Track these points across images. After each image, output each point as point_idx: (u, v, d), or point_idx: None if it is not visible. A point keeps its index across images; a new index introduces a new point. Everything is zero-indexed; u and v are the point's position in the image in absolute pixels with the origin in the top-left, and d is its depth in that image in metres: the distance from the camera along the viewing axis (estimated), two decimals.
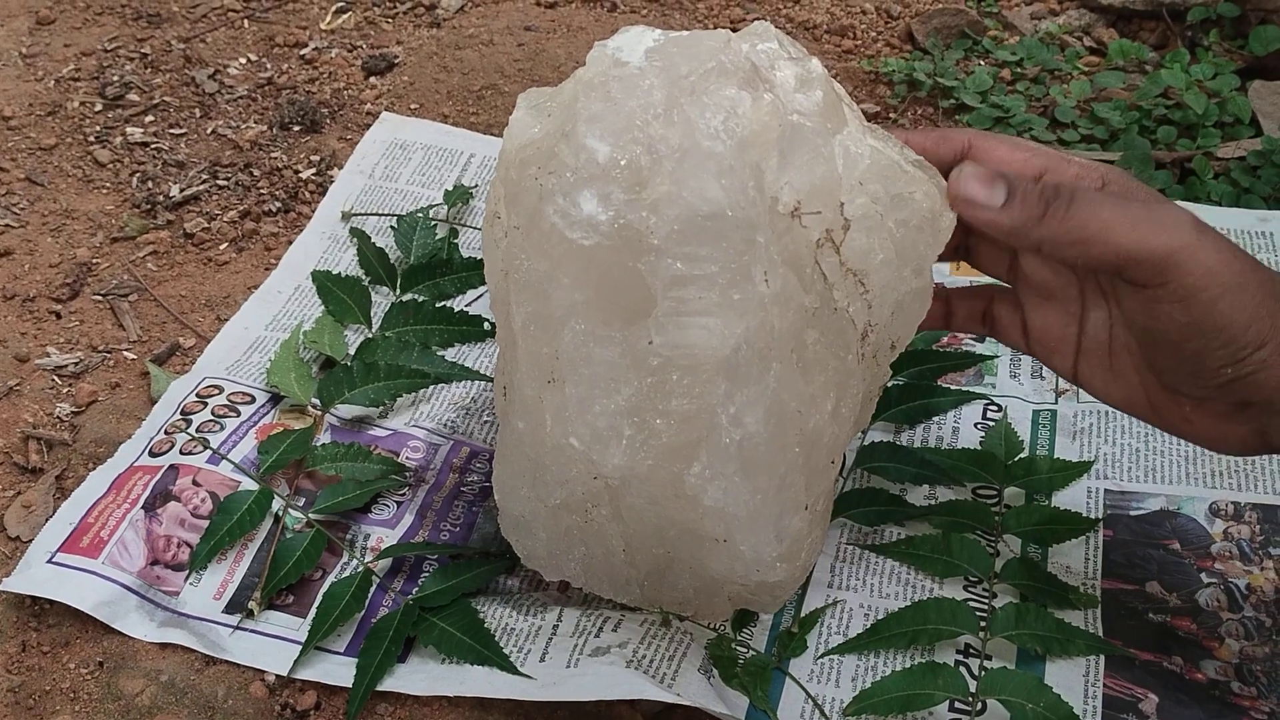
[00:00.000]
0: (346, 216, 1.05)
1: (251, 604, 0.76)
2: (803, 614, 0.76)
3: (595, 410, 0.64)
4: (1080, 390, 0.87)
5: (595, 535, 0.70)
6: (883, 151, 0.64)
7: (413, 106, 1.18)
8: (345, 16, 1.31)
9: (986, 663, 0.72)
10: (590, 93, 0.62)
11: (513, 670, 0.72)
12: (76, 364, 0.94)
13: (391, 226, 1.02)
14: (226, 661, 0.75)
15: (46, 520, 0.81)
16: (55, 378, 0.93)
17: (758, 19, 1.29)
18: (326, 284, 0.97)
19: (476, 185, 1.07)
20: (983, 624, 0.74)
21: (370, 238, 1.01)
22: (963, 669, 0.71)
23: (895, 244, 0.65)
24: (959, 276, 0.97)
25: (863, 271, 0.65)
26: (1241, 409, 0.63)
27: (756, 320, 0.61)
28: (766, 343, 0.62)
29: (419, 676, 0.73)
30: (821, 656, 0.74)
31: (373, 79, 1.22)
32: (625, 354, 0.63)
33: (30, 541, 0.80)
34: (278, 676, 0.74)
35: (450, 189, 1.06)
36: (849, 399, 0.68)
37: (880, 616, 0.75)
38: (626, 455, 0.64)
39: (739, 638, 0.75)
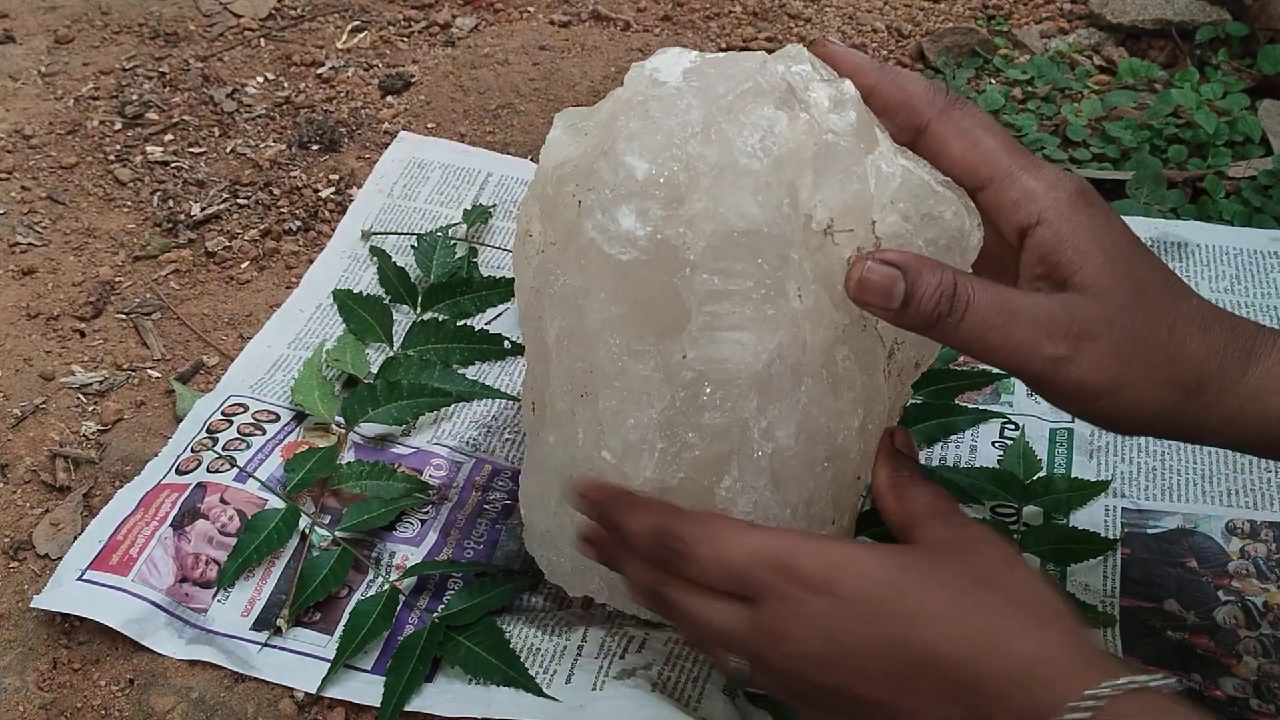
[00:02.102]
0: (366, 235, 1.06)
1: (280, 621, 0.77)
2: None
3: (628, 424, 0.65)
4: None
5: None
6: (913, 171, 0.65)
7: (430, 126, 1.19)
8: (361, 36, 1.33)
9: None
10: (629, 111, 0.63)
11: (539, 693, 0.73)
12: (101, 382, 0.95)
13: (412, 245, 1.03)
14: (255, 679, 0.75)
15: (75, 538, 0.82)
16: (80, 396, 0.94)
17: (768, 37, 1.31)
18: (348, 303, 0.98)
19: (495, 205, 1.08)
20: None
21: (390, 256, 1.02)
22: None
23: None
24: None
25: None
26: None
27: (789, 335, 0.62)
28: (798, 358, 0.63)
29: (447, 697, 0.74)
30: None
31: (389, 98, 1.23)
32: (659, 368, 0.64)
33: (59, 559, 0.81)
34: (306, 694, 0.74)
35: (469, 208, 1.07)
36: (875, 416, 0.68)
37: None
38: (658, 468, 0.65)
39: None
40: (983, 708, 0.53)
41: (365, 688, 0.74)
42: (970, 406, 0.90)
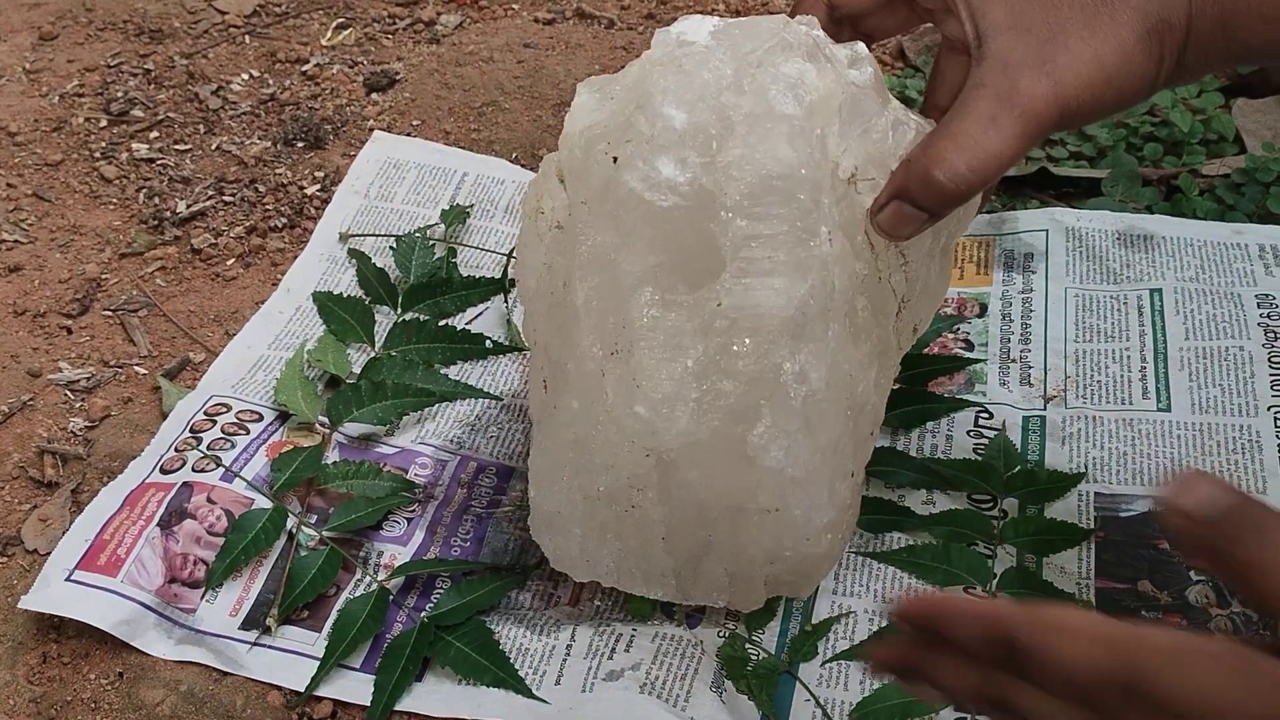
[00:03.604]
0: (344, 238, 1.06)
1: (269, 620, 0.78)
2: (811, 618, 0.79)
3: (662, 375, 0.66)
4: (1068, 397, 0.90)
5: (634, 526, 0.72)
6: (924, 126, 0.68)
7: (414, 123, 1.20)
8: (346, 33, 1.33)
9: None
10: (662, 68, 0.66)
11: (529, 694, 0.74)
12: (88, 379, 0.96)
13: (390, 247, 1.04)
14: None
15: (64, 534, 0.83)
16: (68, 392, 0.95)
17: None
18: (328, 304, 0.99)
19: (472, 204, 1.09)
20: None
21: (370, 258, 1.03)
22: None
23: None
24: (949, 288, 1.00)
25: (905, 244, 0.69)
26: None
27: (819, 279, 0.65)
28: (826, 302, 0.65)
29: (436, 697, 0.75)
30: (828, 662, 0.76)
31: (374, 95, 1.24)
32: (693, 317, 0.66)
33: (48, 555, 0.82)
34: (295, 692, 0.76)
35: (446, 208, 1.07)
36: (886, 371, 0.71)
37: (884, 622, 0.78)
38: (693, 419, 0.66)
39: (751, 639, 0.77)
40: None
41: (355, 686, 0.75)
42: (946, 395, 0.92)
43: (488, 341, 0.96)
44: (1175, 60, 0.65)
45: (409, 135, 1.18)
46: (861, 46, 0.69)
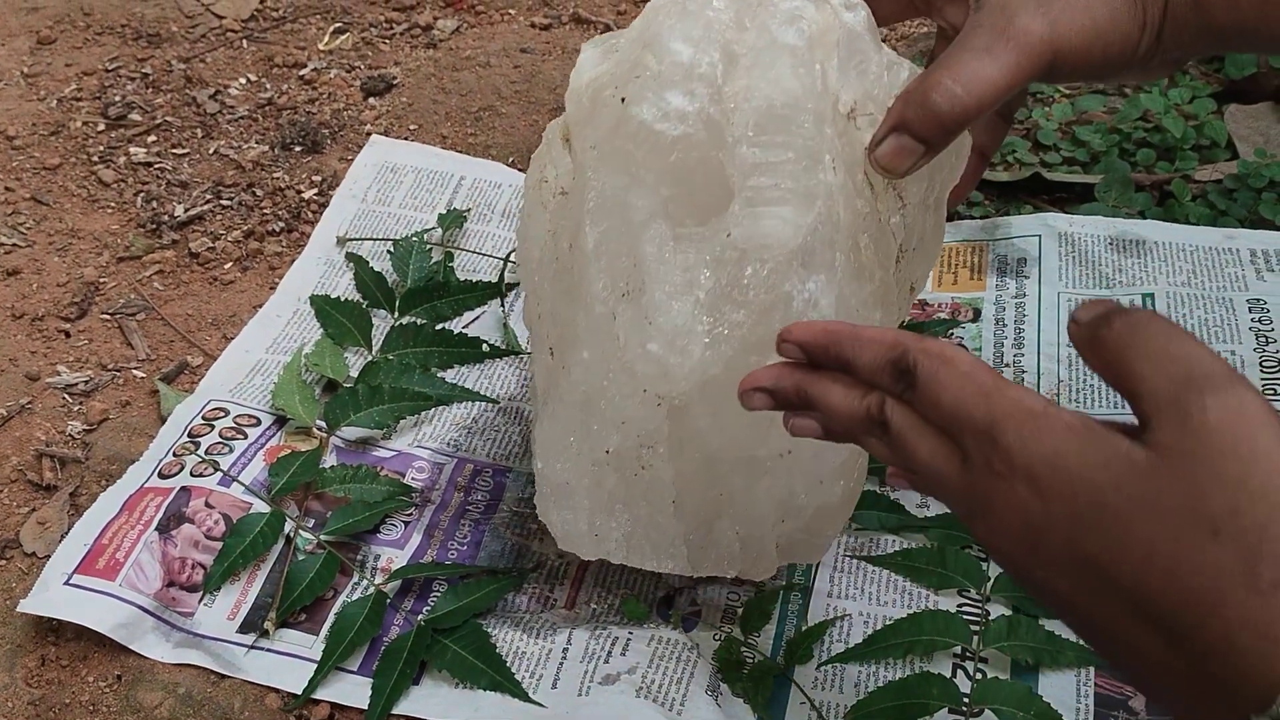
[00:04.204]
0: (341, 241, 1.07)
1: (267, 624, 0.78)
2: (806, 620, 0.79)
3: (674, 310, 0.67)
4: (1061, 401, 0.91)
5: (643, 491, 0.72)
6: (915, 68, 0.70)
7: (412, 128, 1.20)
8: (343, 38, 1.34)
9: (981, 665, 0.76)
10: (667, 9, 0.68)
11: (525, 698, 0.75)
12: (87, 382, 0.96)
13: (387, 251, 1.04)
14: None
15: (62, 537, 0.83)
16: (66, 396, 0.95)
17: None
18: (325, 308, 0.99)
19: (469, 208, 1.09)
20: (976, 632, 0.77)
21: (367, 262, 1.03)
22: (961, 673, 0.75)
23: None
24: (940, 292, 1.01)
25: (902, 185, 0.71)
26: None
27: (825, 208, 0.66)
28: (832, 232, 0.67)
29: (434, 701, 0.75)
30: (823, 664, 0.77)
31: (372, 100, 1.25)
32: (704, 250, 0.67)
33: (46, 558, 0.82)
34: (293, 695, 0.76)
35: (443, 212, 1.08)
36: (889, 316, 0.72)
37: (879, 624, 0.78)
38: (706, 352, 0.67)
39: (747, 641, 0.78)
40: (1194, 653, 0.46)
41: (352, 689, 0.76)
42: None
43: (484, 345, 0.97)
44: (1156, 32, 0.67)
45: (406, 140, 1.18)
46: None
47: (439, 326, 0.98)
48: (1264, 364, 0.91)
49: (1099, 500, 0.47)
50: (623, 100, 0.67)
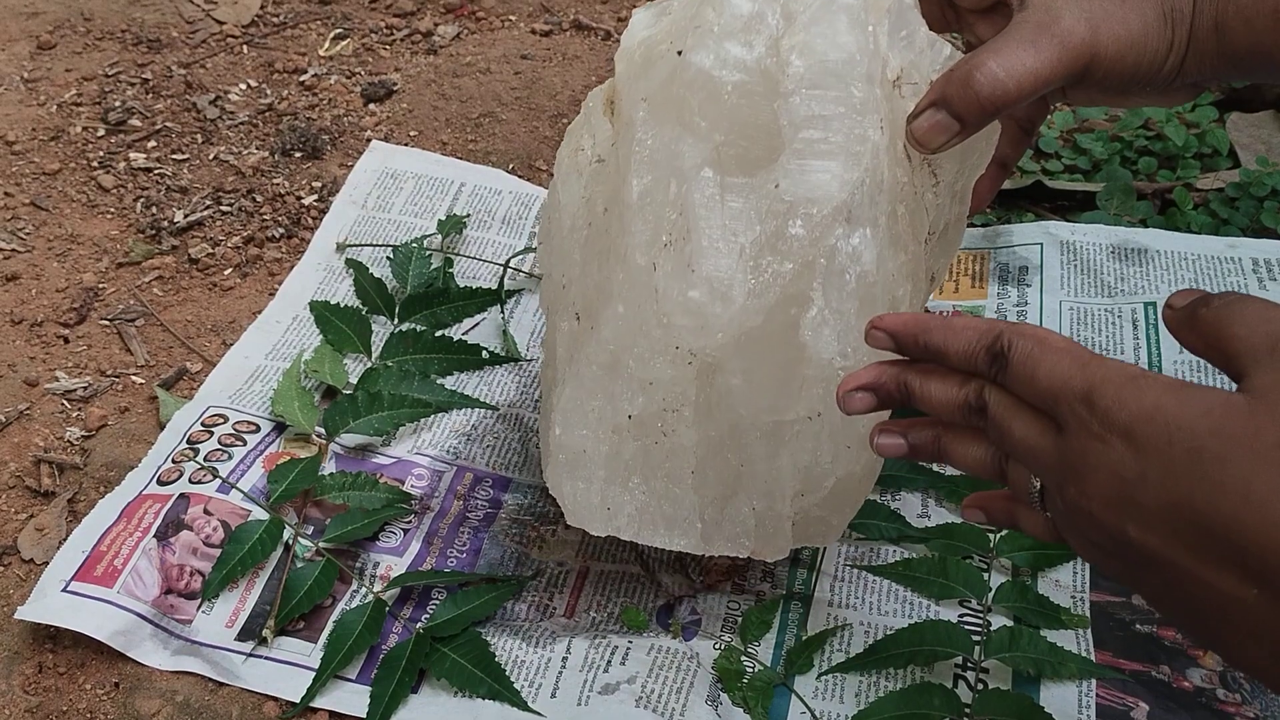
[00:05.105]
0: (341, 248, 1.07)
1: (265, 632, 0.78)
2: (806, 630, 0.79)
3: (721, 256, 0.68)
4: None
5: (663, 458, 0.72)
6: (957, 49, 0.72)
7: (412, 134, 1.20)
8: (344, 43, 1.34)
9: (983, 676, 0.75)
10: None
11: (524, 707, 0.74)
12: (85, 388, 0.96)
13: (388, 257, 1.04)
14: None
15: (60, 543, 0.83)
16: (65, 402, 0.95)
17: None
18: (325, 314, 0.99)
19: (469, 214, 1.09)
20: (977, 642, 0.76)
21: (367, 268, 1.03)
22: (962, 683, 0.75)
23: None
24: (942, 300, 1.00)
25: (936, 163, 0.72)
26: None
27: (870, 165, 0.67)
28: (875, 191, 0.68)
29: (432, 709, 0.75)
30: (824, 674, 0.77)
31: (372, 106, 1.24)
32: (751, 201, 0.69)
33: (44, 564, 0.82)
34: (291, 703, 0.76)
35: (443, 218, 1.08)
36: (917, 294, 0.73)
37: (879, 634, 0.78)
38: (749, 300, 0.68)
39: (747, 650, 0.78)
40: None
41: (350, 697, 0.76)
42: None
43: (484, 352, 0.97)
44: (1182, 53, 0.70)
45: (406, 146, 1.18)
46: None
47: (439, 333, 0.98)
48: None
49: (1196, 446, 0.49)
50: (679, 53, 0.69)
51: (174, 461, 0.87)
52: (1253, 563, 0.47)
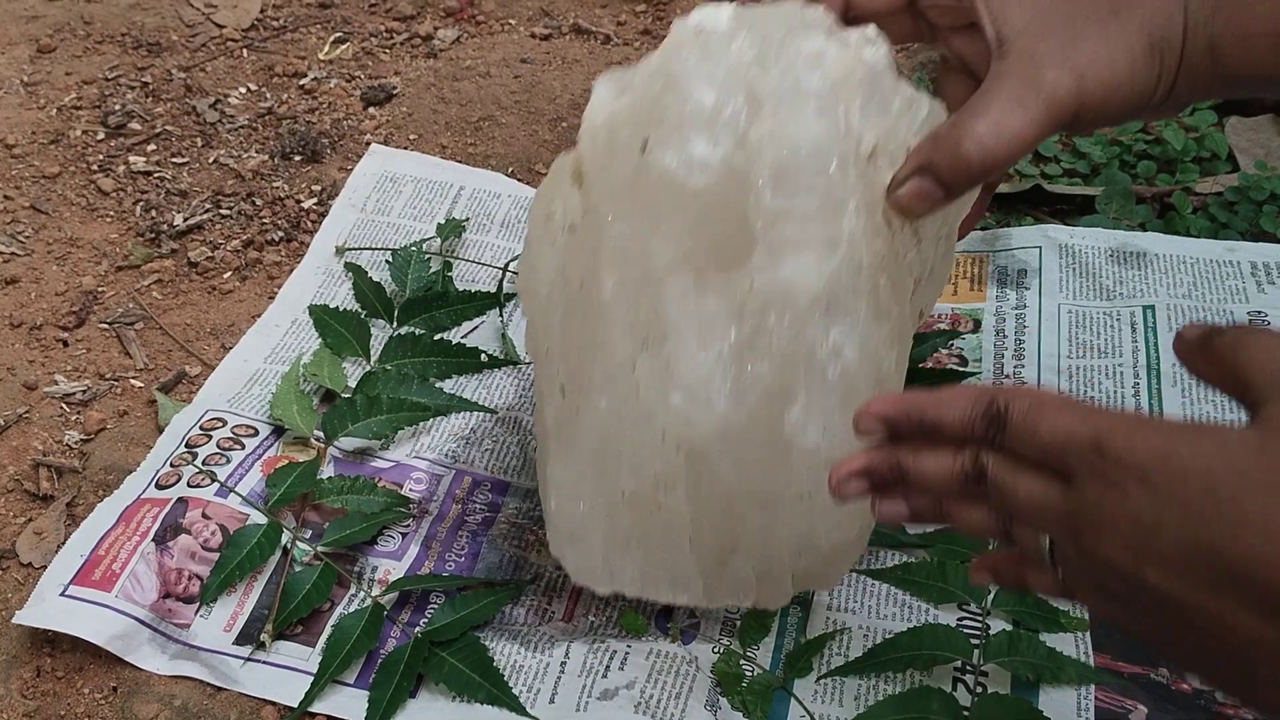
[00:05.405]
0: (340, 251, 1.07)
1: (263, 636, 0.78)
2: (806, 634, 0.79)
3: (699, 360, 0.66)
4: None
5: (660, 529, 0.71)
6: (936, 105, 0.69)
7: (411, 137, 1.20)
8: (343, 47, 1.34)
9: (982, 680, 0.75)
10: (687, 50, 0.67)
11: (523, 713, 0.74)
12: (85, 392, 0.96)
13: (386, 260, 1.04)
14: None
15: (58, 547, 0.83)
16: (64, 405, 0.95)
17: None
18: (324, 318, 0.99)
19: (468, 218, 1.09)
20: (976, 646, 0.76)
21: (366, 272, 1.03)
22: (961, 687, 0.75)
23: None
24: (940, 303, 1.00)
25: (919, 222, 0.70)
26: None
27: (848, 253, 0.65)
28: (855, 277, 0.66)
29: (430, 714, 0.75)
30: (823, 677, 0.77)
31: (372, 109, 1.25)
32: (726, 300, 0.66)
33: (43, 568, 0.82)
34: (289, 708, 0.76)
35: (442, 222, 1.08)
36: (904, 353, 0.72)
37: (878, 638, 0.78)
38: (730, 402, 0.67)
39: (746, 654, 0.78)
40: None
41: (348, 702, 0.76)
42: None
43: (483, 355, 0.97)
44: (1171, 80, 0.68)
45: (406, 149, 1.18)
46: (873, 29, 0.70)
47: (437, 336, 0.98)
48: None
49: (1211, 484, 0.48)
50: (644, 146, 0.66)
51: (172, 465, 0.87)
52: (1275, 600, 0.47)
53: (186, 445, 0.89)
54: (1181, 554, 0.49)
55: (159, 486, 0.85)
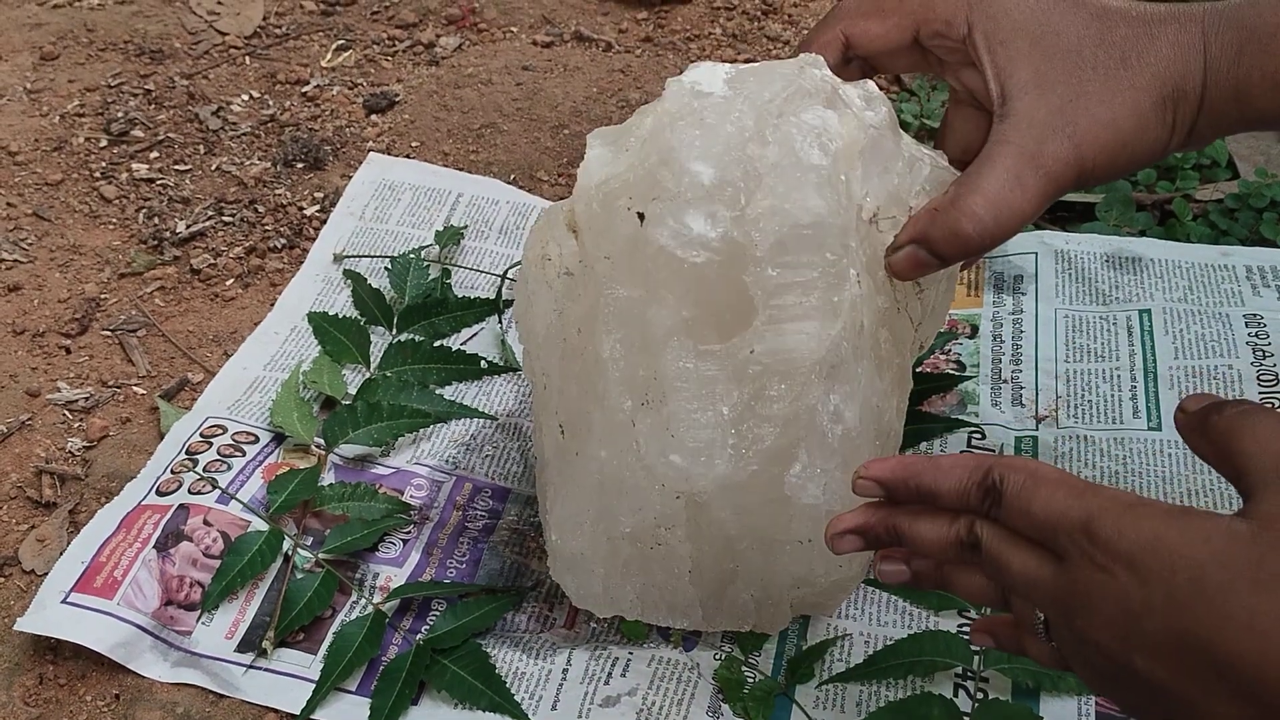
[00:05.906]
0: (339, 259, 1.07)
1: (265, 643, 0.78)
2: (807, 640, 0.79)
3: (699, 423, 0.67)
4: (1059, 417, 0.91)
5: (660, 562, 0.72)
6: (936, 159, 0.69)
7: (414, 144, 1.21)
8: (346, 54, 1.34)
9: (983, 686, 0.76)
10: (683, 121, 0.66)
11: (525, 719, 0.74)
12: (87, 399, 0.96)
13: (385, 268, 1.04)
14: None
15: (61, 554, 0.83)
16: (66, 412, 0.95)
17: (748, 59, 1.33)
18: (324, 325, 0.99)
19: (466, 225, 1.10)
20: (976, 653, 0.76)
21: (365, 279, 1.03)
22: (962, 693, 0.75)
23: None
24: None
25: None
26: None
27: (849, 320, 0.65)
28: (856, 341, 0.66)
29: None
30: (824, 684, 0.77)
31: (374, 117, 1.25)
32: (726, 366, 0.66)
33: (45, 575, 0.82)
34: (291, 716, 0.76)
35: (441, 229, 1.08)
36: (904, 395, 0.72)
37: (879, 644, 0.78)
38: (730, 464, 0.67)
39: (748, 660, 0.78)
40: None
41: (350, 710, 0.76)
42: (940, 415, 0.92)
43: (483, 362, 0.97)
44: (1188, 129, 0.67)
45: (408, 157, 1.19)
46: (872, 85, 0.69)
47: (437, 343, 0.98)
48: (1261, 378, 0.91)
49: (1198, 575, 0.48)
50: (641, 218, 0.65)
51: (173, 472, 0.87)
52: (1260, 694, 0.47)
53: (187, 452, 0.89)
54: (1168, 642, 0.49)
55: (160, 493, 0.86)
